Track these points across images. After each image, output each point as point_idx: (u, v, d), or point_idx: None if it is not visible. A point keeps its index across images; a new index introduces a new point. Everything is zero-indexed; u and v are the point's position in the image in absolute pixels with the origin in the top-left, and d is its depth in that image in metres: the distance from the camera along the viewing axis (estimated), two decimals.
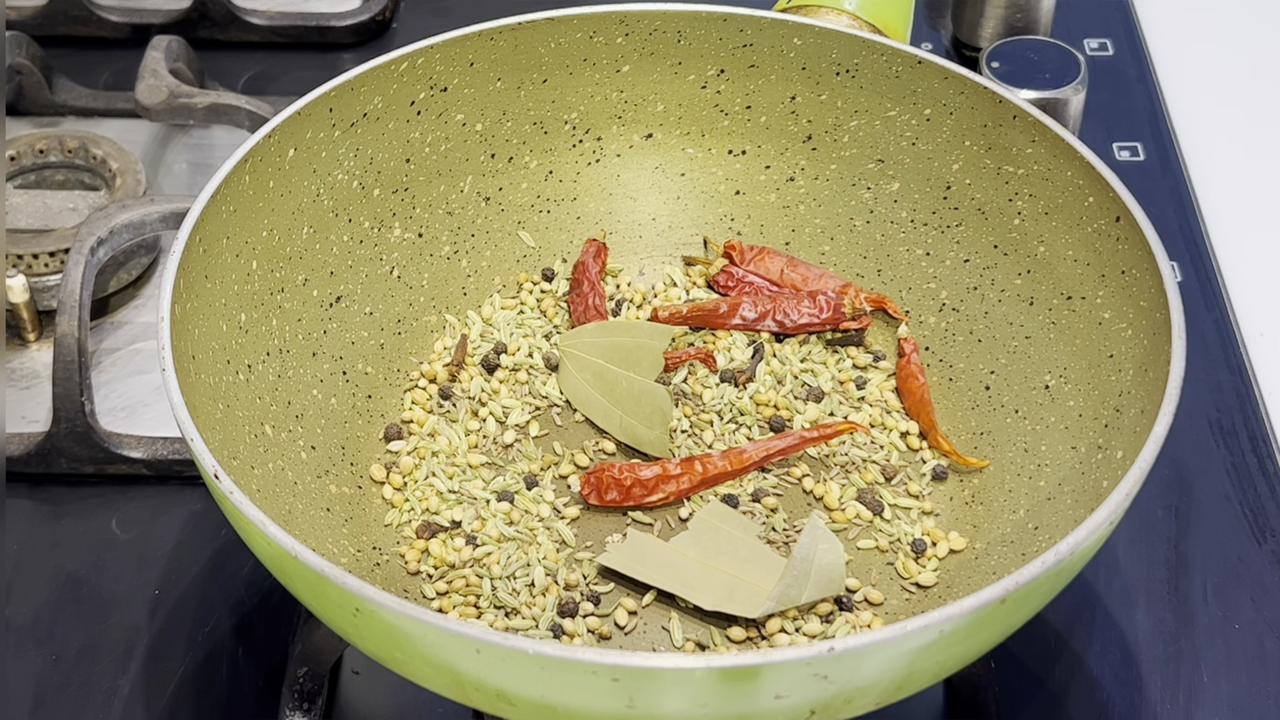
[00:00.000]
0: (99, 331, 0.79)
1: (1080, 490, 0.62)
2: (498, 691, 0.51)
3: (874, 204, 0.75)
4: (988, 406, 0.69)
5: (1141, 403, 0.60)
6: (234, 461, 0.60)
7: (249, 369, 0.64)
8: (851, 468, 0.69)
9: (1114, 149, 0.90)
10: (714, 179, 0.77)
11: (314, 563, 0.51)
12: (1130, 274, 0.64)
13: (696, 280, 0.76)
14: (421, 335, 0.73)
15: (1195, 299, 0.82)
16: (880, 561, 0.66)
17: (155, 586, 0.69)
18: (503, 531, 0.66)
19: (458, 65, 0.72)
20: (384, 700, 0.65)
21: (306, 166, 0.68)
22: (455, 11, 0.99)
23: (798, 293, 0.74)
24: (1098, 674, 0.66)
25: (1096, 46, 0.98)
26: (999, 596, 0.50)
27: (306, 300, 0.69)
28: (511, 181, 0.75)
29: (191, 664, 0.66)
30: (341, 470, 0.67)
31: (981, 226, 0.71)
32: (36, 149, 0.83)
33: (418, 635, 0.50)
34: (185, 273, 0.61)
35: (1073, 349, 0.66)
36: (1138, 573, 0.69)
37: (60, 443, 0.71)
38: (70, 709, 0.64)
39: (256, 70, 0.96)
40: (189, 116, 0.85)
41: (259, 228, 0.66)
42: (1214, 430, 0.75)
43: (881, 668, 0.51)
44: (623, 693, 0.49)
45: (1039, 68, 0.84)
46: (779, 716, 0.51)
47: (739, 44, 0.74)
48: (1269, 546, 0.71)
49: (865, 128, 0.74)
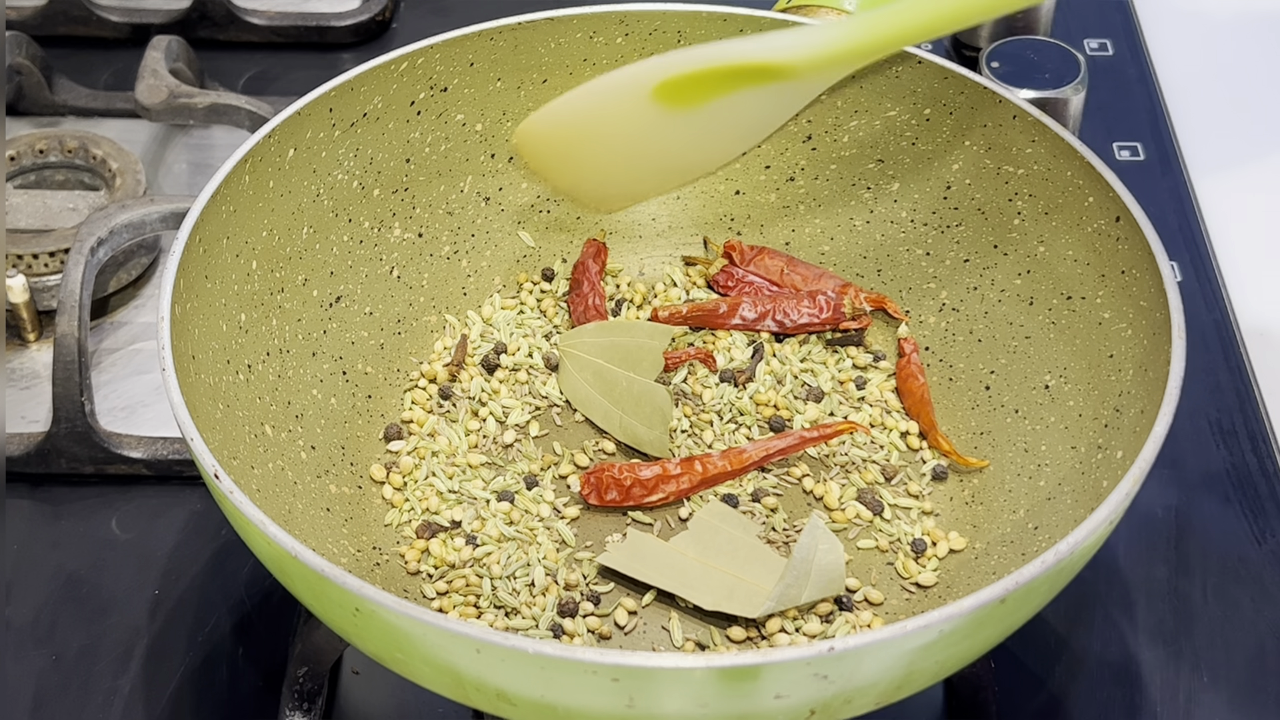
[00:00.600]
0: (99, 331, 0.79)
1: (1080, 490, 0.62)
2: (498, 691, 0.51)
3: (874, 204, 0.75)
4: (988, 406, 0.69)
5: (1141, 403, 0.60)
6: (234, 461, 0.60)
7: (249, 369, 0.64)
8: (851, 468, 0.69)
9: (1114, 149, 0.90)
10: (714, 179, 0.77)
11: (314, 563, 0.51)
12: (1130, 274, 0.64)
13: (696, 280, 0.76)
14: (421, 335, 0.73)
15: (1195, 299, 0.82)
16: (880, 561, 0.66)
17: (155, 586, 0.69)
18: (503, 531, 0.66)
19: (458, 65, 0.72)
20: (384, 700, 0.65)
21: (306, 166, 0.68)
22: (455, 11, 0.99)
23: (798, 293, 0.74)
24: (1098, 674, 0.66)
25: (1096, 46, 0.98)
26: (999, 596, 0.50)
27: (306, 300, 0.69)
28: (511, 181, 0.75)
29: (191, 664, 0.66)
30: (341, 470, 0.67)
31: (981, 226, 0.71)
32: (36, 149, 0.83)
33: (418, 635, 0.50)
34: (185, 273, 0.61)
35: (1073, 349, 0.66)
36: (1138, 573, 0.69)
37: (60, 443, 0.71)
38: (70, 709, 0.64)
39: (256, 70, 0.96)
40: (189, 116, 0.85)
41: (259, 228, 0.66)
42: (1214, 430, 0.75)
43: (881, 668, 0.51)
44: (623, 693, 0.49)
45: (1039, 68, 0.84)
46: (779, 716, 0.51)
47: None
48: (1269, 546, 0.71)
49: (865, 128, 0.74)
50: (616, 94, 0.67)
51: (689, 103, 0.66)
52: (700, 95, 0.66)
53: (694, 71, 0.65)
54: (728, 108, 0.67)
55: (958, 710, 0.64)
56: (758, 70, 0.65)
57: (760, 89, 0.66)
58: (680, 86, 0.66)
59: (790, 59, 0.65)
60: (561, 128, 0.69)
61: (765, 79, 0.65)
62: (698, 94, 0.66)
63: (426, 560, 0.65)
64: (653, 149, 0.70)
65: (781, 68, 0.65)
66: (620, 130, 0.69)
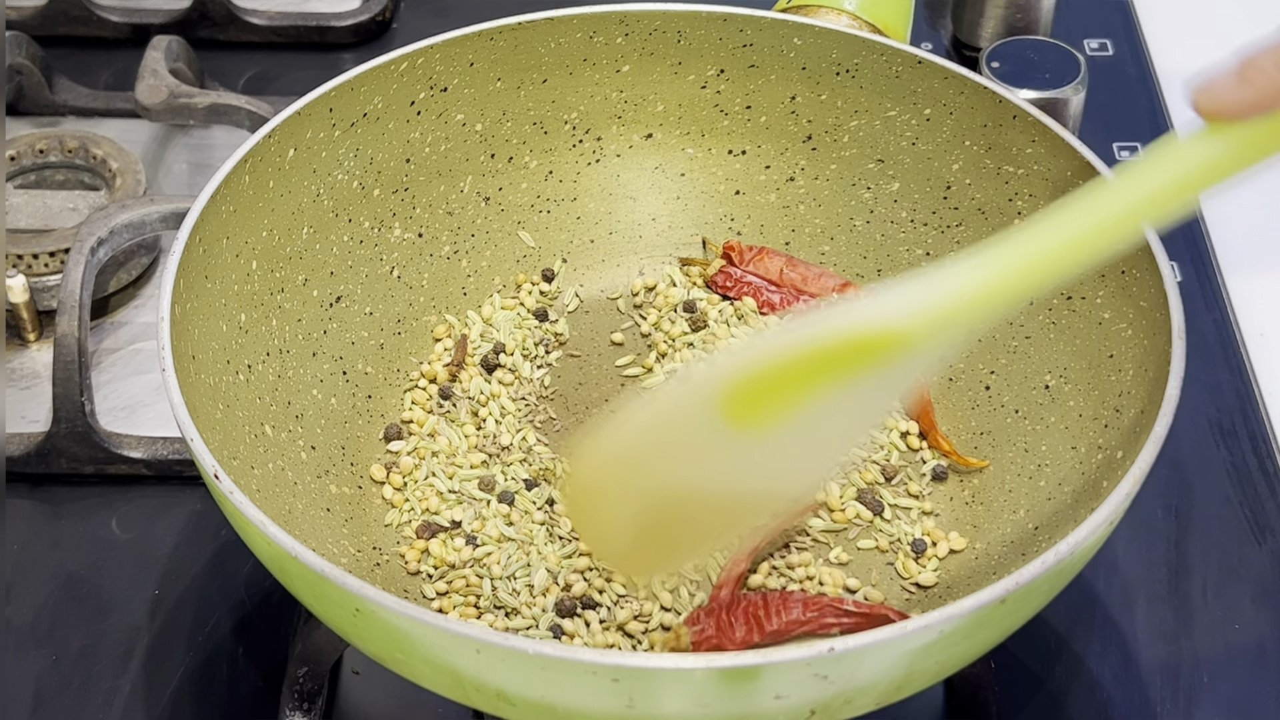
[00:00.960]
0: (99, 331, 0.79)
1: (1080, 490, 0.62)
2: (498, 692, 0.51)
3: (874, 204, 0.75)
4: (988, 406, 0.69)
5: (1141, 403, 0.60)
6: (234, 461, 0.60)
7: (249, 369, 0.64)
8: (851, 467, 0.69)
9: (1114, 149, 0.90)
10: (714, 179, 0.77)
11: (314, 563, 0.51)
12: (1130, 274, 0.64)
13: (696, 280, 0.76)
14: (421, 335, 0.73)
15: (1195, 299, 0.82)
16: (880, 561, 0.66)
17: (155, 586, 0.69)
18: (503, 532, 0.66)
19: (458, 65, 0.72)
20: (384, 700, 0.65)
21: (306, 166, 0.68)
22: (455, 11, 0.99)
23: (798, 293, 0.74)
24: (1098, 674, 0.66)
25: (1096, 46, 0.98)
26: (999, 597, 0.50)
27: (306, 300, 0.69)
28: (511, 181, 0.75)
29: (191, 664, 0.66)
30: (341, 470, 0.67)
31: (981, 226, 0.71)
32: (36, 149, 0.83)
33: (418, 635, 0.50)
34: (185, 273, 0.61)
35: (1073, 349, 0.66)
36: (1138, 573, 0.69)
37: (60, 443, 0.71)
38: (70, 709, 0.64)
39: (256, 70, 0.96)
40: (189, 116, 0.85)
41: (259, 228, 0.66)
42: (1214, 430, 0.75)
43: (881, 668, 0.51)
44: (623, 693, 0.49)
45: (1039, 68, 0.84)
46: (779, 717, 0.51)
47: (739, 44, 0.74)
48: (1269, 546, 0.71)
49: (865, 128, 0.74)
50: (682, 423, 0.51)
51: (771, 414, 0.50)
52: (785, 400, 0.50)
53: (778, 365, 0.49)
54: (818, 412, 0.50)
55: (958, 710, 0.64)
56: (861, 348, 0.48)
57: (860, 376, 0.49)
58: (760, 393, 0.49)
59: (909, 323, 0.48)
60: (617, 477, 0.54)
61: (868, 360, 0.49)
62: (782, 399, 0.50)
63: (426, 560, 0.65)
64: (729, 486, 0.53)
65: (897, 337, 0.48)
66: (690, 468, 0.52)
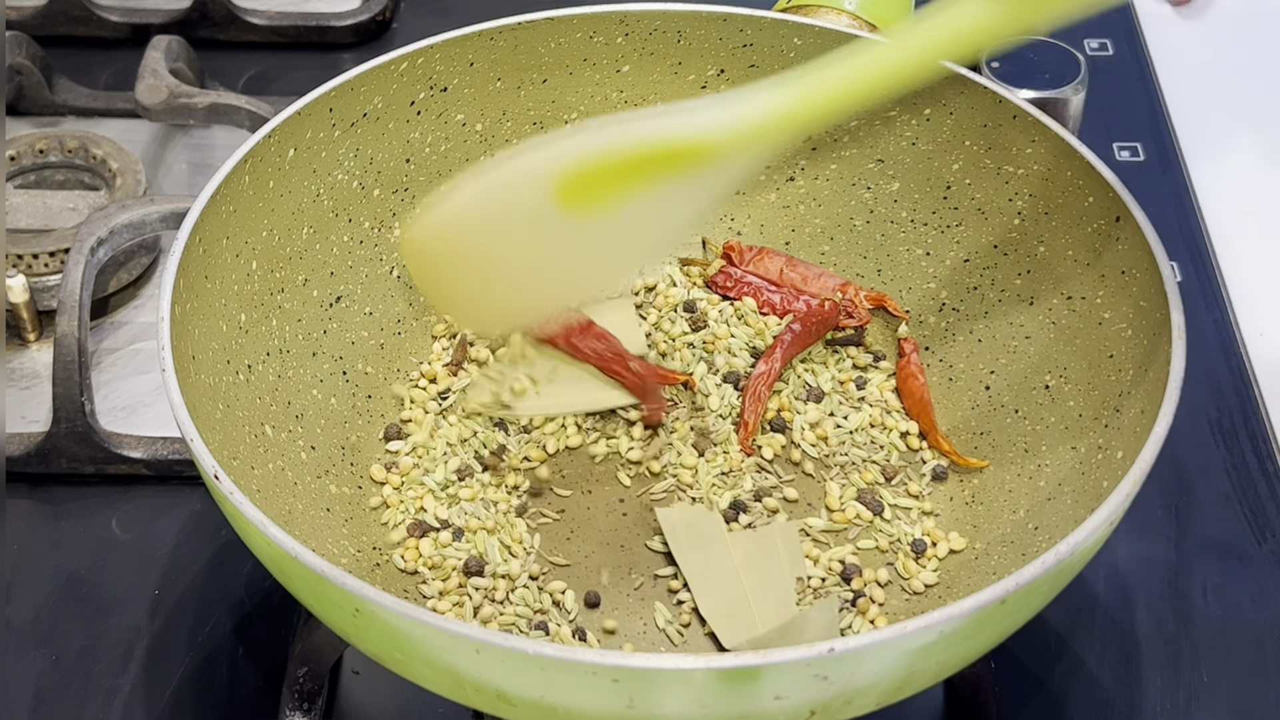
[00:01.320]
0: (99, 331, 0.79)
1: (1080, 490, 0.62)
2: (498, 692, 0.51)
3: (874, 204, 0.75)
4: (988, 406, 0.69)
5: (1141, 403, 0.60)
6: (234, 462, 0.60)
7: (249, 369, 0.64)
8: (851, 468, 0.69)
9: (1114, 149, 0.90)
10: None
11: (314, 563, 0.51)
12: (1130, 274, 0.64)
13: (696, 280, 0.76)
14: (421, 335, 0.73)
15: (1195, 299, 0.82)
16: (880, 562, 0.66)
17: (155, 586, 0.69)
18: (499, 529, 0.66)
19: (458, 65, 0.72)
20: (384, 700, 0.65)
21: (306, 166, 0.68)
22: (455, 11, 0.99)
23: (798, 293, 0.74)
24: (1098, 674, 0.66)
25: (1096, 46, 0.98)
26: (999, 597, 0.50)
27: (306, 300, 0.69)
28: None
29: (191, 664, 0.66)
30: (341, 470, 0.67)
31: (981, 226, 0.71)
32: (36, 149, 0.83)
33: (418, 635, 0.50)
34: (185, 273, 0.61)
35: (1073, 349, 0.66)
36: (1138, 573, 0.69)
37: (60, 443, 0.71)
38: (70, 709, 0.64)
39: (256, 70, 0.96)
40: (189, 116, 0.85)
41: (259, 228, 0.66)
42: (1214, 430, 0.75)
43: (881, 668, 0.51)
44: (623, 693, 0.49)
45: (1039, 68, 0.84)
46: (779, 717, 0.51)
47: (739, 44, 0.74)
48: (1269, 546, 0.71)
49: (865, 128, 0.74)
50: (511, 198, 0.57)
51: (595, 203, 0.56)
52: (607, 192, 0.56)
53: (600, 161, 0.55)
54: (639, 205, 0.56)
55: (958, 710, 0.64)
56: (674, 154, 0.55)
57: (677, 177, 0.55)
58: (585, 184, 0.56)
59: (714, 135, 0.55)
60: (449, 238, 0.60)
61: (683, 164, 0.55)
62: (605, 191, 0.56)
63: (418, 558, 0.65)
64: (555, 260, 0.59)
65: (704, 146, 0.55)
66: (516, 239, 0.58)
